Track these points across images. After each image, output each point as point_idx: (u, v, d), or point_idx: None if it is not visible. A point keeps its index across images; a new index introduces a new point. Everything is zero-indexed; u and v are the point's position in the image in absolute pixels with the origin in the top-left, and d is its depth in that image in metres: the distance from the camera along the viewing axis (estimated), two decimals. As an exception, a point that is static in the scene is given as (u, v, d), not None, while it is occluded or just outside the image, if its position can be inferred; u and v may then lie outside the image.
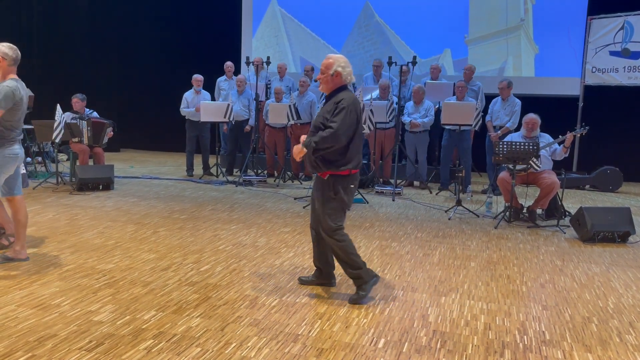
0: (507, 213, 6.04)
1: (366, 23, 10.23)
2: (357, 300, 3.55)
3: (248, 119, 8.77)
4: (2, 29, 11.04)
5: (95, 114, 7.71)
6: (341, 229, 3.60)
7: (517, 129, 6.88)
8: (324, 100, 3.77)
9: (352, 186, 3.60)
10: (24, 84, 4.13)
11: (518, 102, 7.65)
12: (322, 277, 3.85)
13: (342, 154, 3.47)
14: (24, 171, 4.48)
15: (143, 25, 11.80)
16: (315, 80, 3.81)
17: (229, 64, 9.41)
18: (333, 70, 3.54)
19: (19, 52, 4.10)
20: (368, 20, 10.23)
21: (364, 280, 3.56)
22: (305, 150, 3.46)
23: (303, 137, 3.64)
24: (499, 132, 7.59)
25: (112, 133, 7.70)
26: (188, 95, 8.80)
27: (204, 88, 8.95)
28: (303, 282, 3.88)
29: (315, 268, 3.88)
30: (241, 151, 9.01)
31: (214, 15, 11.34)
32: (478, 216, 6.30)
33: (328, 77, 3.56)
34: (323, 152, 3.43)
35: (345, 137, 3.42)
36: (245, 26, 11.01)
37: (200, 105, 8.48)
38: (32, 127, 7.35)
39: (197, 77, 8.83)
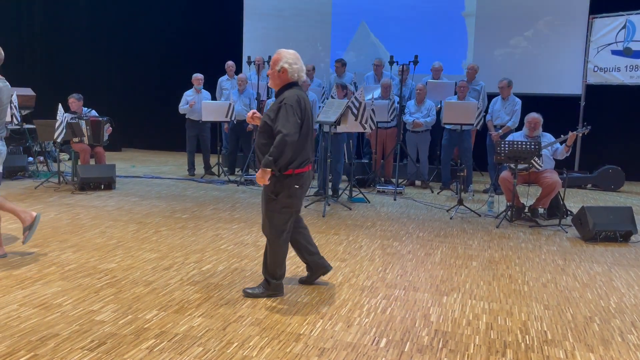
0: (509, 212, 6.04)
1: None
2: (252, 294, 3.57)
3: None
4: (3, 28, 11.06)
5: (93, 112, 7.70)
6: (280, 235, 3.49)
7: (518, 128, 6.87)
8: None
9: (296, 186, 3.42)
10: (8, 83, 4.14)
11: (518, 101, 7.64)
12: (317, 269, 3.81)
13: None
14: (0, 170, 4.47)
15: (144, 24, 11.81)
16: (267, 76, 3.68)
17: (230, 63, 9.42)
18: (279, 67, 3.41)
19: (3, 52, 4.06)
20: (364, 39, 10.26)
21: (271, 289, 3.57)
22: (268, 170, 3.31)
23: (250, 114, 3.62)
24: (500, 131, 7.59)
25: (110, 129, 7.70)
26: (188, 94, 8.80)
27: (206, 87, 8.95)
28: (303, 282, 3.88)
29: (305, 265, 3.86)
30: (242, 150, 9.01)
31: (215, 14, 11.34)
32: (480, 215, 6.29)
33: (275, 73, 3.43)
34: (283, 159, 3.29)
35: (295, 135, 3.28)
36: (246, 25, 11.00)
37: (194, 101, 8.48)
38: (34, 126, 7.37)
39: (197, 76, 8.83)
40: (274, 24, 10.79)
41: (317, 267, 3.81)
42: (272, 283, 3.57)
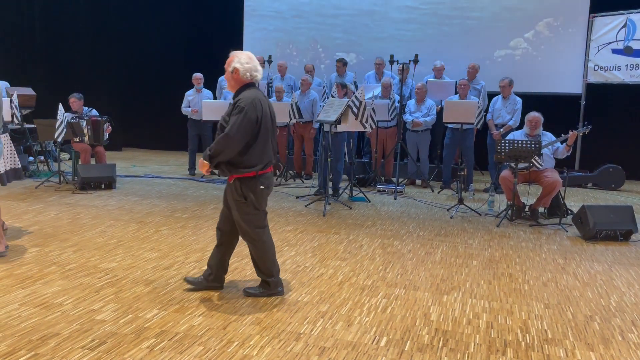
0: (509, 211, 6.04)
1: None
2: (252, 294, 3.56)
3: None
4: (3, 28, 11.07)
5: (94, 111, 7.71)
6: (260, 233, 3.48)
7: (519, 127, 6.86)
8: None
9: (262, 187, 3.41)
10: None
11: (519, 100, 7.64)
12: (212, 280, 3.63)
13: (244, 156, 3.31)
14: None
15: (144, 23, 11.80)
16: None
17: (230, 63, 9.41)
18: (232, 67, 3.38)
19: None
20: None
21: (271, 288, 3.56)
22: (206, 163, 3.30)
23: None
24: (501, 130, 7.59)
25: (110, 128, 7.71)
26: (189, 94, 8.81)
27: (207, 87, 8.96)
28: (189, 282, 3.66)
29: (207, 267, 3.67)
30: None
31: (216, 14, 11.34)
32: (480, 214, 6.29)
33: (229, 75, 3.41)
34: (222, 156, 3.26)
35: (241, 139, 3.24)
36: (247, 27, 10.99)
37: (196, 109, 8.52)
38: (35, 126, 7.37)
39: (197, 76, 8.84)
40: (274, 25, 10.78)
41: (216, 279, 3.64)
42: (270, 282, 3.57)
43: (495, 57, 9.63)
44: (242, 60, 3.38)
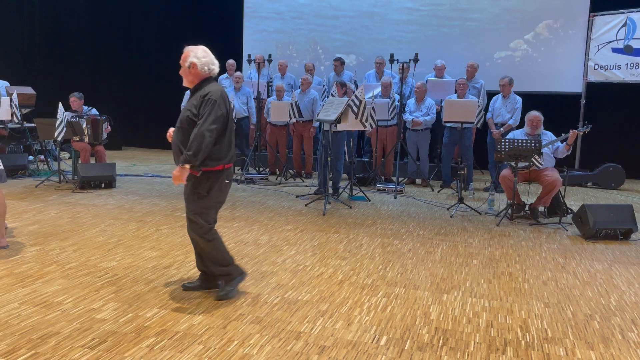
0: (509, 210, 6.04)
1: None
2: (225, 296, 3.46)
3: (247, 117, 8.80)
4: (4, 27, 11.05)
5: (94, 111, 7.72)
6: (212, 228, 3.42)
7: (519, 127, 6.86)
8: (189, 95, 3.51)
9: (227, 181, 3.41)
10: None
11: (519, 99, 7.64)
12: (208, 281, 3.61)
13: (214, 149, 3.27)
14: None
15: (145, 22, 11.80)
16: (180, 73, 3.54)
17: (230, 62, 9.42)
18: (189, 62, 3.35)
19: None
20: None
21: (232, 276, 3.49)
22: (187, 166, 3.20)
23: (170, 132, 3.51)
24: (502, 129, 7.59)
25: (109, 128, 7.71)
26: (189, 93, 8.81)
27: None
28: (187, 288, 3.62)
29: (200, 272, 3.65)
30: (240, 149, 9.00)
31: (216, 13, 11.33)
32: (480, 214, 6.29)
33: (186, 70, 3.37)
34: (204, 153, 3.19)
35: (216, 132, 3.23)
36: (247, 29, 10.98)
37: None
38: (35, 125, 7.37)
39: None
40: (273, 27, 10.77)
41: (212, 279, 3.60)
42: (228, 272, 3.47)
43: (495, 59, 9.62)
44: (198, 55, 3.37)
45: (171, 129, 3.55)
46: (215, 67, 3.43)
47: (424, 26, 9.90)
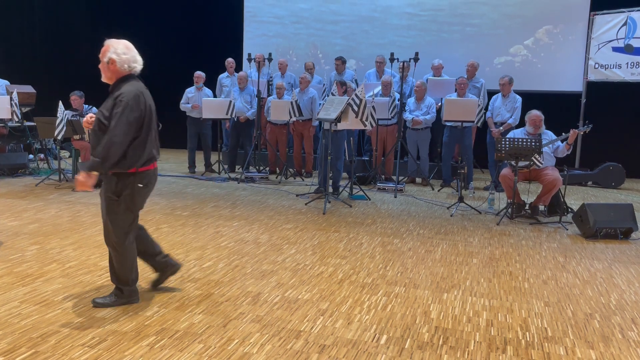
0: (510, 209, 6.04)
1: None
2: (102, 304, 3.28)
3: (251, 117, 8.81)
4: (4, 25, 11.05)
5: (94, 109, 7.73)
6: (125, 238, 3.22)
7: (519, 126, 6.86)
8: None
9: (140, 185, 3.17)
10: None
11: (519, 98, 7.64)
12: (165, 268, 3.53)
13: (128, 152, 3.09)
14: None
15: (145, 21, 11.79)
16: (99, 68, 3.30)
17: (230, 61, 9.42)
18: (107, 58, 3.13)
19: None
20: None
21: (124, 297, 3.31)
22: (95, 174, 3.02)
23: (88, 118, 3.26)
24: (501, 128, 7.59)
25: None
26: (189, 92, 8.82)
27: (207, 85, 8.96)
28: (155, 284, 3.59)
29: (152, 268, 3.59)
30: (243, 147, 9.01)
31: (216, 11, 11.32)
32: (480, 213, 6.29)
33: (104, 65, 3.15)
34: (112, 159, 3.00)
35: (126, 137, 3.03)
36: (247, 33, 10.96)
37: (197, 104, 8.52)
38: (35, 124, 7.37)
39: (198, 74, 8.84)
40: (274, 31, 10.75)
41: (164, 266, 3.53)
42: (125, 290, 3.31)
43: (495, 64, 9.60)
44: (118, 51, 3.15)
45: (88, 115, 3.36)
46: (138, 65, 3.22)
47: (423, 31, 9.90)
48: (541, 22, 9.37)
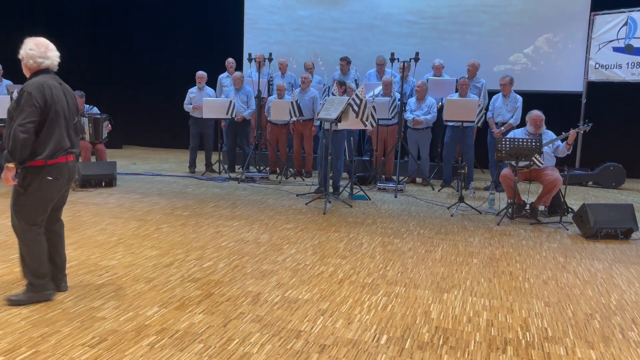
0: (510, 210, 6.03)
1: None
2: (17, 302, 3.26)
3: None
4: (3, 25, 11.05)
5: (95, 109, 7.74)
6: (30, 231, 3.22)
7: (520, 126, 6.86)
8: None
9: (49, 178, 3.19)
10: None
11: (519, 98, 7.64)
12: (55, 283, 3.45)
13: (34, 144, 3.13)
14: None
15: (146, 21, 11.80)
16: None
17: (230, 60, 9.42)
18: (20, 55, 3.26)
19: None
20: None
21: (36, 290, 3.28)
22: (12, 166, 3.09)
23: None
24: (502, 128, 7.58)
25: (110, 126, 7.73)
26: (191, 92, 8.83)
27: (208, 84, 8.97)
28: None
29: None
30: (240, 147, 9.00)
31: (216, 11, 11.33)
32: (480, 213, 6.29)
33: (23, 62, 3.27)
34: (23, 149, 3.06)
35: (28, 126, 3.06)
36: (247, 40, 10.95)
37: (198, 105, 8.52)
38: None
39: (200, 74, 8.84)
40: (274, 38, 10.75)
41: (56, 281, 3.46)
42: (36, 284, 3.28)
43: (495, 72, 9.55)
44: (26, 47, 3.23)
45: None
46: (45, 60, 3.26)
47: (423, 39, 9.90)
48: (541, 31, 9.37)
